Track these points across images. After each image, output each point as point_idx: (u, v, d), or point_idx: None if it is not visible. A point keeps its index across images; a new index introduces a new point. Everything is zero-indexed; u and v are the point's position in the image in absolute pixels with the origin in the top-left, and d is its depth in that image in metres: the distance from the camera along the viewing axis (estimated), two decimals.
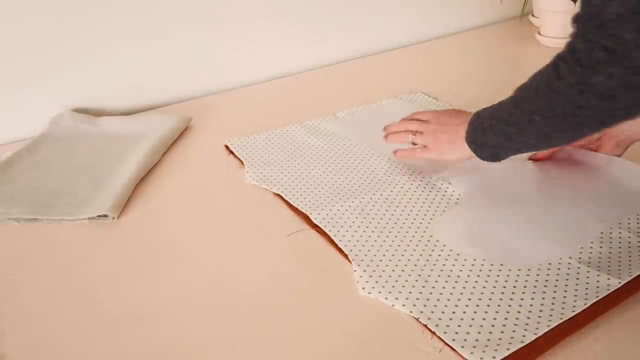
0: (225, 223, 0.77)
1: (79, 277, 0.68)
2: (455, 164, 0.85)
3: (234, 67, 1.23)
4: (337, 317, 0.60)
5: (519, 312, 0.58)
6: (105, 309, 0.63)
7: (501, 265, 0.65)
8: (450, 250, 0.68)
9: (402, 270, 0.65)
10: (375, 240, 0.71)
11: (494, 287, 0.62)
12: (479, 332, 0.56)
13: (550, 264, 0.65)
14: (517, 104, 0.65)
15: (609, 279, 0.62)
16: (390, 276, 0.64)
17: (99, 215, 0.78)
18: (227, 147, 0.96)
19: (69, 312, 0.63)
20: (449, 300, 0.60)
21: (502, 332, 0.56)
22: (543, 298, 0.60)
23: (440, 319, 0.58)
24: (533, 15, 1.58)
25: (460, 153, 0.76)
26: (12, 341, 0.59)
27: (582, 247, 0.67)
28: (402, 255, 0.68)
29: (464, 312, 0.59)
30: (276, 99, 1.18)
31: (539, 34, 1.42)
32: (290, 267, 0.68)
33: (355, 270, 0.66)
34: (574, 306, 0.59)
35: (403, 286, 0.63)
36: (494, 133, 0.69)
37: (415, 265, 0.66)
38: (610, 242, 0.68)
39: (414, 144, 0.83)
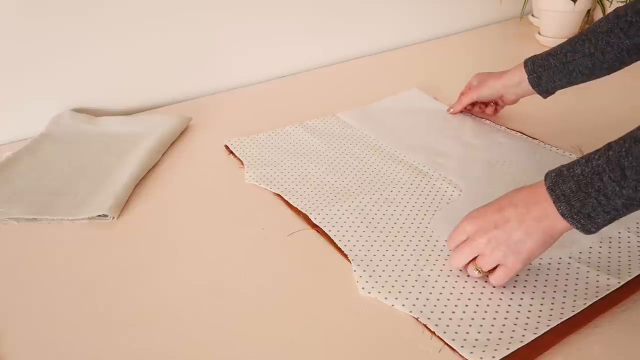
0: (225, 223, 0.77)
1: (79, 277, 0.68)
2: (458, 166, 0.86)
3: (233, 67, 1.23)
4: (336, 317, 0.60)
5: (518, 312, 0.58)
6: (105, 309, 0.63)
7: None
8: (450, 250, 0.68)
9: (402, 270, 0.65)
10: (375, 240, 0.71)
11: (494, 286, 0.62)
12: (479, 332, 0.56)
13: (550, 263, 0.65)
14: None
15: (608, 279, 0.62)
16: (390, 276, 0.64)
17: (99, 215, 0.78)
18: (226, 147, 0.96)
19: (69, 312, 0.62)
20: (448, 300, 0.60)
21: (501, 332, 0.56)
22: (543, 298, 0.60)
23: (439, 318, 0.58)
24: (533, 15, 1.58)
25: (544, 240, 0.57)
26: (12, 341, 0.59)
27: (581, 247, 0.67)
28: (402, 255, 0.68)
29: (464, 312, 0.59)
30: (276, 99, 1.18)
31: (539, 33, 1.43)
32: (290, 267, 0.68)
33: (355, 270, 0.66)
34: (574, 306, 0.59)
35: (403, 286, 0.63)
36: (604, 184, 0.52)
37: (415, 265, 0.66)
38: (610, 242, 0.68)
39: (482, 273, 0.62)
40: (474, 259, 0.61)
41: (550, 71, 0.86)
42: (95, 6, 1.02)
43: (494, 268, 0.60)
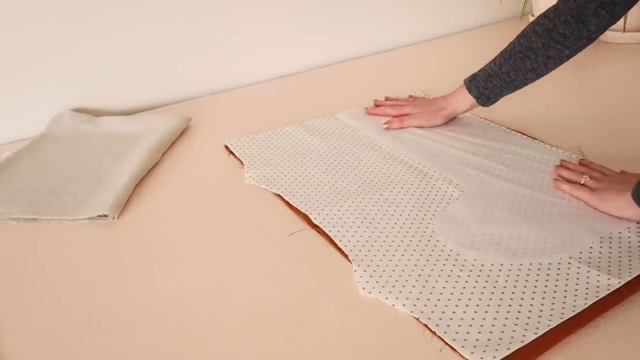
0: (225, 223, 0.77)
1: (79, 277, 0.68)
2: (458, 166, 0.86)
3: (233, 67, 1.23)
4: (337, 317, 0.60)
5: (519, 312, 0.58)
6: (105, 309, 0.63)
7: (501, 265, 0.65)
8: (451, 250, 0.68)
9: (402, 271, 0.65)
10: (376, 241, 0.71)
11: (494, 287, 0.62)
12: (479, 332, 0.56)
13: (550, 263, 0.65)
14: None
15: (609, 278, 0.62)
16: (390, 276, 0.64)
17: (99, 215, 0.78)
18: (226, 147, 0.96)
19: (69, 312, 0.62)
20: (449, 300, 0.60)
21: (502, 332, 0.56)
22: (543, 298, 0.60)
23: (440, 319, 0.58)
24: (533, 15, 1.58)
25: (624, 208, 0.72)
26: (12, 341, 0.59)
27: (582, 246, 0.67)
28: (402, 255, 0.68)
29: (464, 312, 0.59)
30: (276, 99, 1.18)
31: None
32: (290, 267, 0.68)
33: (355, 271, 0.66)
34: (574, 306, 0.58)
35: (403, 286, 0.63)
36: None
37: (416, 265, 0.66)
38: (610, 242, 0.68)
39: (583, 185, 0.78)
40: None
41: (497, 90, 0.92)
42: (95, 6, 1.02)
43: None
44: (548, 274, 0.63)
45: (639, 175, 0.75)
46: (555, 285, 0.62)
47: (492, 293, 0.61)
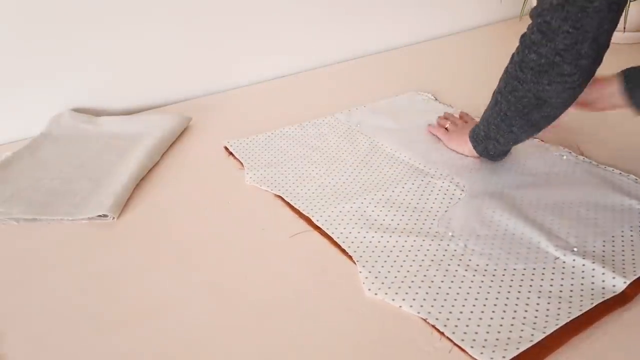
0: (225, 223, 0.76)
1: (79, 277, 0.67)
2: (460, 165, 0.85)
3: (233, 67, 1.23)
4: (343, 319, 0.59)
5: (526, 311, 0.58)
6: (105, 309, 0.62)
7: (506, 264, 0.65)
8: (455, 250, 0.68)
9: (408, 271, 0.65)
10: (379, 241, 0.70)
11: (500, 286, 0.62)
12: (488, 332, 0.55)
13: (555, 262, 0.65)
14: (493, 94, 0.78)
15: (614, 277, 0.61)
16: (395, 277, 0.64)
17: (99, 215, 0.77)
18: (226, 148, 0.95)
19: (69, 312, 0.62)
20: (455, 300, 0.60)
21: (510, 331, 0.55)
22: (549, 297, 0.60)
23: (448, 319, 0.57)
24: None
25: (463, 148, 0.88)
26: (12, 341, 0.58)
27: (587, 246, 0.67)
28: (407, 255, 0.67)
29: (472, 312, 0.58)
30: (276, 99, 1.17)
31: None
32: (292, 269, 0.67)
33: (360, 272, 0.65)
34: (581, 305, 0.58)
35: (409, 287, 0.62)
36: (483, 126, 0.81)
37: (421, 265, 0.65)
38: (613, 241, 0.68)
39: (445, 128, 0.95)
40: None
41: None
42: (95, 6, 1.02)
43: None
44: (553, 273, 0.63)
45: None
46: (561, 285, 0.61)
47: (499, 292, 0.61)
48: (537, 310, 0.58)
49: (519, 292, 0.61)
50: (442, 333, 0.56)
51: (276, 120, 1.04)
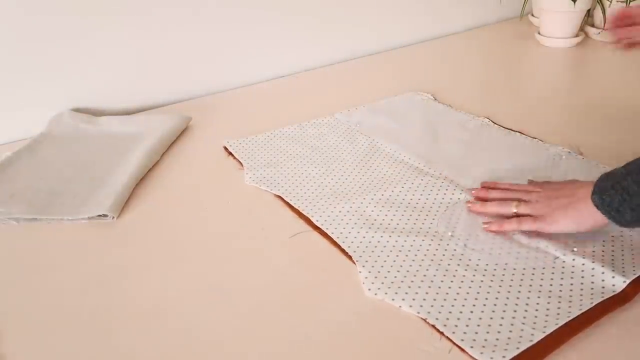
0: (225, 223, 0.76)
1: (79, 277, 0.67)
2: (460, 165, 0.85)
3: (233, 67, 1.23)
4: (343, 318, 0.59)
5: (526, 310, 0.58)
6: (105, 309, 0.62)
7: (506, 264, 0.65)
8: (455, 250, 0.68)
9: (407, 271, 0.65)
10: (379, 241, 0.70)
11: (500, 286, 0.62)
12: (487, 332, 0.55)
13: (555, 262, 0.65)
14: None
15: (614, 277, 0.61)
16: (395, 277, 0.64)
17: (99, 215, 0.77)
18: (225, 148, 0.95)
19: (69, 312, 0.62)
20: (455, 300, 0.60)
21: (510, 331, 0.55)
22: (549, 297, 0.60)
23: (447, 319, 0.57)
24: (533, 15, 1.58)
25: (580, 220, 0.64)
26: (12, 341, 0.58)
27: (587, 245, 0.67)
28: (407, 255, 0.67)
29: (471, 312, 0.58)
30: (276, 99, 1.17)
31: (539, 33, 1.42)
32: (292, 269, 0.67)
33: (360, 272, 0.65)
34: (581, 304, 0.58)
35: (409, 287, 0.62)
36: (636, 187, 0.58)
37: (420, 265, 0.65)
38: (613, 241, 0.68)
39: (516, 215, 0.69)
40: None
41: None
42: (95, 6, 1.02)
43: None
44: (553, 272, 0.63)
45: (582, 182, 0.67)
46: (561, 284, 0.61)
47: (498, 292, 0.61)
48: (537, 310, 0.58)
49: (518, 291, 0.61)
50: (441, 333, 0.56)
51: (276, 120, 1.04)
